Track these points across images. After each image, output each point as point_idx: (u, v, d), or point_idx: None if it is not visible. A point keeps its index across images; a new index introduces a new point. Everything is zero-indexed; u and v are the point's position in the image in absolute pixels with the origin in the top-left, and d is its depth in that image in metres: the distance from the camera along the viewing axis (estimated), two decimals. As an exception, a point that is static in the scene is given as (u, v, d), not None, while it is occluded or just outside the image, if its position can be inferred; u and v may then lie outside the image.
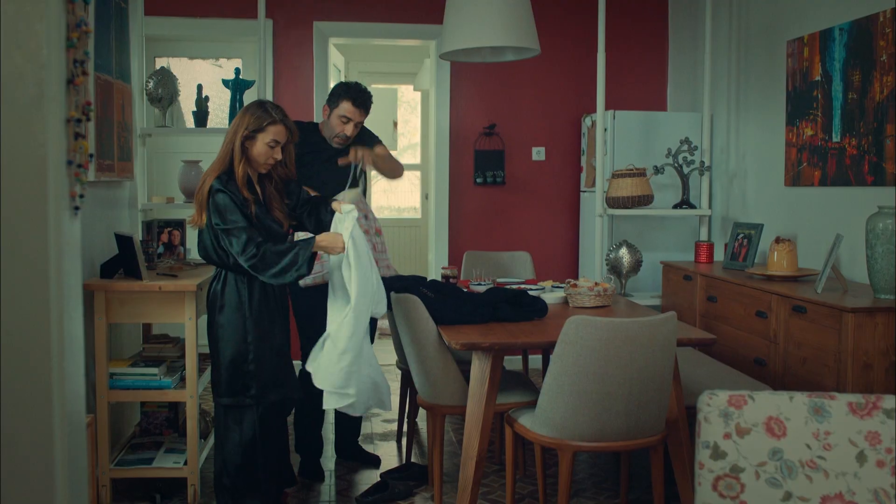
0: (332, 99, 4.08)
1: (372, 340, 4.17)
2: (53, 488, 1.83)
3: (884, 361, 3.42)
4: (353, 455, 4.36)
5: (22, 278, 1.66)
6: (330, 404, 3.40)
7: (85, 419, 2.24)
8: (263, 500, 3.40)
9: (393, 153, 9.53)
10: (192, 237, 4.10)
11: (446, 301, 3.59)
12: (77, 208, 1.82)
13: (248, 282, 3.33)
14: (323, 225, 3.50)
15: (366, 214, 4.00)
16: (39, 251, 1.65)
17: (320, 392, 4.12)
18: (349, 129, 4.07)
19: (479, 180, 6.32)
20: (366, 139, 4.22)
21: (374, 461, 4.33)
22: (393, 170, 4.24)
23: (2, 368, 1.70)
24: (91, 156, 1.83)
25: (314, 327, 3.71)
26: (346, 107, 4.03)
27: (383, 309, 3.48)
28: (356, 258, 3.30)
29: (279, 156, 3.39)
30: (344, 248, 3.30)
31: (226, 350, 3.32)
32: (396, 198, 9.76)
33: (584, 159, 6.25)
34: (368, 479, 4.12)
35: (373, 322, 3.90)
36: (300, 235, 3.56)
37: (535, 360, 5.99)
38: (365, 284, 3.32)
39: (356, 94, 4.04)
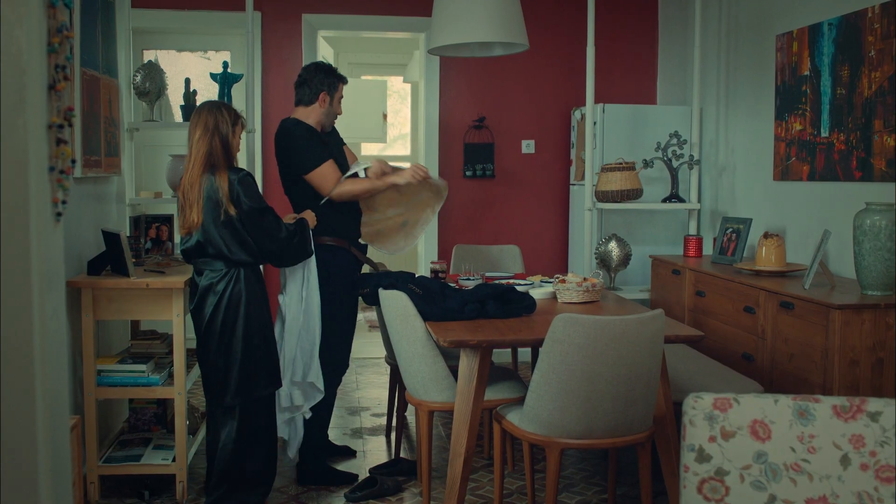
0: (328, 85, 4.05)
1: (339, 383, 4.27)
2: (37, 489, 1.83)
3: (870, 358, 3.44)
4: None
5: (4, 286, 1.65)
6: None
7: (69, 420, 2.23)
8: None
9: (382, 145, 9.42)
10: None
11: (434, 297, 3.59)
12: (59, 214, 1.81)
13: (256, 274, 3.56)
14: None
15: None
16: (21, 258, 1.64)
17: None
18: (341, 108, 4.18)
19: (468, 173, 6.31)
20: (337, 132, 4.31)
21: (350, 452, 4.35)
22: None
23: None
24: (73, 161, 1.81)
25: None
26: (342, 88, 4.14)
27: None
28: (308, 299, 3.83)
29: None
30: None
31: (258, 345, 3.49)
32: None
33: (573, 153, 6.25)
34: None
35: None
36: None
37: (525, 352, 5.99)
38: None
39: (341, 75, 4.16)
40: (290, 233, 3.57)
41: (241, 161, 5.38)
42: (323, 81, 4.04)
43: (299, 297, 3.81)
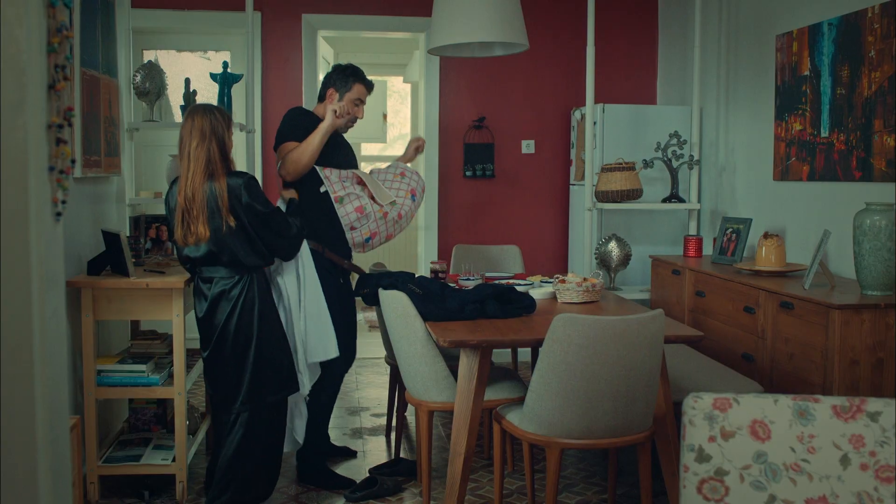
0: (340, 83, 4.05)
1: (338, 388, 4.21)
2: (37, 489, 1.83)
3: (870, 358, 3.44)
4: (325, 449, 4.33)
5: (4, 286, 1.65)
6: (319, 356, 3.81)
7: (69, 420, 2.23)
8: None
9: (382, 145, 9.44)
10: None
11: (434, 297, 3.59)
12: (59, 214, 1.81)
13: (265, 279, 3.57)
14: None
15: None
16: (21, 258, 1.64)
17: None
18: (361, 112, 4.12)
19: (468, 173, 6.31)
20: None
21: (349, 453, 4.34)
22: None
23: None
24: (73, 161, 1.81)
25: None
26: (359, 89, 4.08)
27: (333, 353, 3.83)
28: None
29: None
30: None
31: (270, 351, 3.48)
32: (387, 189, 9.71)
33: (573, 153, 6.25)
34: (345, 472, 4.10)
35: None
36: None
37: (524, 352, 5.99)
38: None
39: (364, 77, 4.12)
40: (299, 228, 3.60)
41: (241, 163, 5.38)
42: (336, 80, 4.06)
43: (296, 273, 3.76)
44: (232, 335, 3.42)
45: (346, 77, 4.07)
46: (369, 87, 4.14)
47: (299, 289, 3.77)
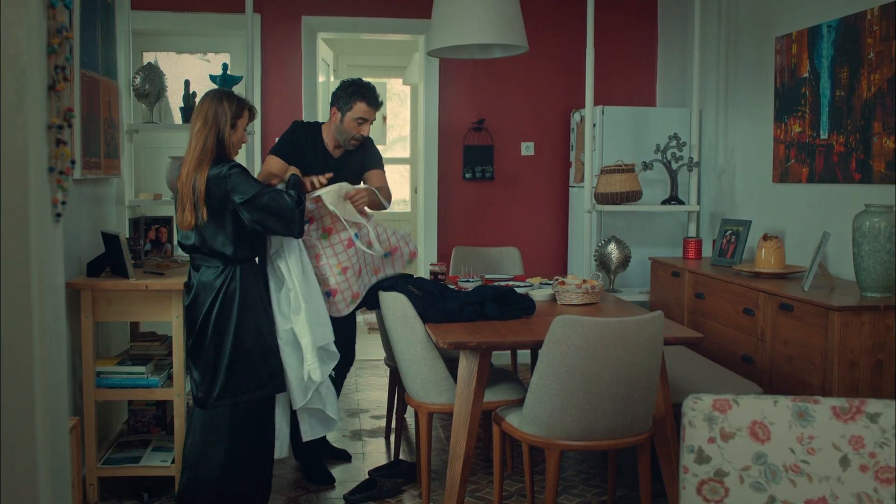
0: (342, 101, 3.92)
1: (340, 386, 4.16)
2: (36, 490, 1.83)
3: (870, 360, 3.44)
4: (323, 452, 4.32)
5: (4, 287, 1.65)
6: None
7: (69, 422, 2.23)
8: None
9: (382, 147, 9.50)
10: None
11: (433, 299, 3.59)
12: (59, 215, 1.81)
13: (255, 274, 3.47)
14: None
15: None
16: (21, 259, 1.64)
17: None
18: (366, 130, 3.97)
19: (468, 175, 6.31)
20: (370, 155, 4.14)
21: (345, 456, 4.33)
22: (380, 203, 4.02)
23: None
24: (73, 162, 1.81)
25: None
26: (361, 108, 3.91)
27: (329, 338, 3.66)
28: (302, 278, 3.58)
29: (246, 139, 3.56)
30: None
31: (249, 346, 3.40)
32: (386, 191, 9.72)
33: (573, 155, 6.25)
34: (344, 474, 4.10)
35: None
36: None
37: (524, 354, 5.99)
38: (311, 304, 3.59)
39: (369, 94, 3.93)
40: (295, 199, 3.40)
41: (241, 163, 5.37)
42: (340, 98, 3.94)
43: (300, 261, 3.61)
44: (212, 325, 3.37)
45: (349, 95, 3.91)
46: (374, 104, 3.94)
47: (304, 273, 3.61)
